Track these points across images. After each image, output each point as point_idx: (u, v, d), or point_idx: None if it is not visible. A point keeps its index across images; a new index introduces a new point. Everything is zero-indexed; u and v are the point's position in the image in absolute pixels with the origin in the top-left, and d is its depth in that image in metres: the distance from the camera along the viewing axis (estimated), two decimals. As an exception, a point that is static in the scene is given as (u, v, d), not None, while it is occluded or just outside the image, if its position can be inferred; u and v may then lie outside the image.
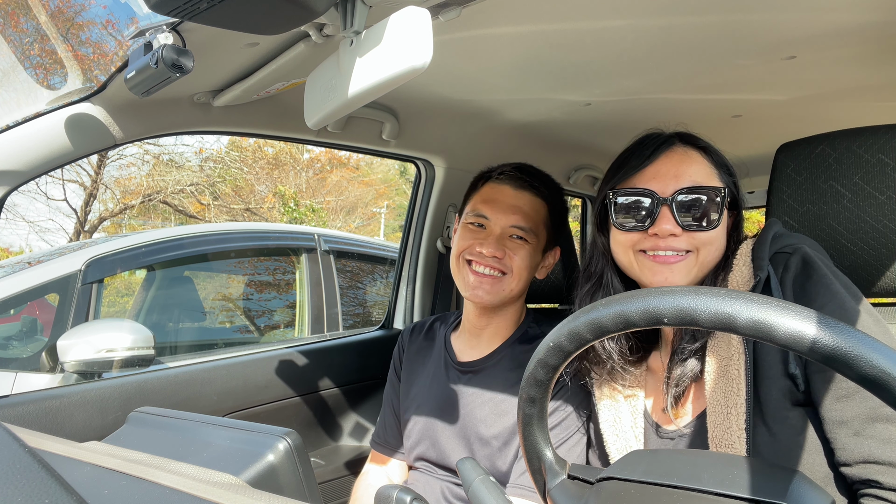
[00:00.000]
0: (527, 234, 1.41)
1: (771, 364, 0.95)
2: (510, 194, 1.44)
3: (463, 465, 0.77)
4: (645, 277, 1.10)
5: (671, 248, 1.06)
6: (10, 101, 1.27)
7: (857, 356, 0.48)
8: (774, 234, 1.05)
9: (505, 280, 1.40)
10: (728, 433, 0.94)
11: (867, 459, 0.86)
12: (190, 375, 1.71)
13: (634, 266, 1.11)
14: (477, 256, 1.40)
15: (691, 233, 1.05)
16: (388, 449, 1.59)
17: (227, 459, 0.79)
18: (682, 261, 1.06)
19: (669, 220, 1.05)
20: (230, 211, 15.27)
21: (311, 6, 0.84)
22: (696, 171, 1.08)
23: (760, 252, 1.01)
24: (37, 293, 2.81)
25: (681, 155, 1.10)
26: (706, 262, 1.08)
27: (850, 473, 0.88)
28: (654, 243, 1.07)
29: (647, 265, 1.08)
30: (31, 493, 0.39)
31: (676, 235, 1.05)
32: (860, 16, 1.18)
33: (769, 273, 0.97)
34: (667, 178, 1.07)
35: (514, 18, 1.19)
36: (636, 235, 1.09)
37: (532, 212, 1.43)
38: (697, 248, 1.06)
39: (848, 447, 0.88)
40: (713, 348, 1.02)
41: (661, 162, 1.10)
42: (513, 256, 1.39)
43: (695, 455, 0.66)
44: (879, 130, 1.16)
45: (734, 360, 0.97)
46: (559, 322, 0.66)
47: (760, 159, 2.12)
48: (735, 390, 0.95)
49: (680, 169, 1.08)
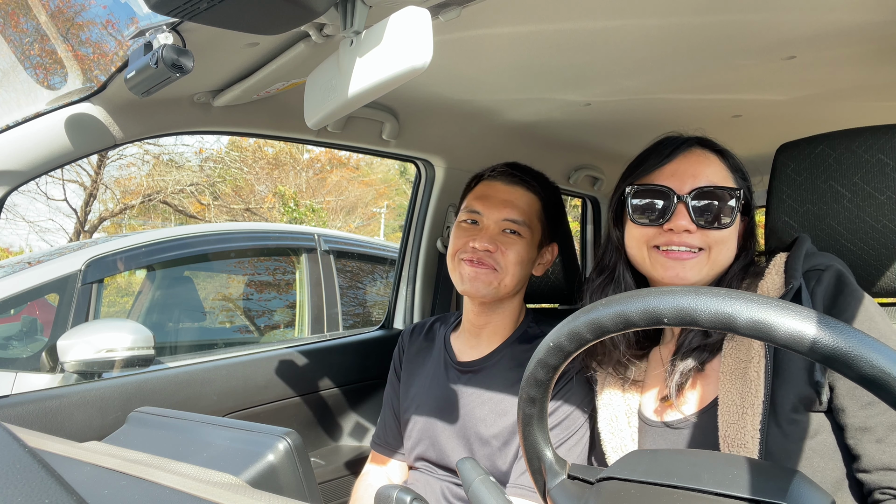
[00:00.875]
0: (520, 228, 1.42)
1: (793, 370, 0.96)
2: (502, 189, 1.45)
3: (463, 465, 0.77)
4: (657, 273, 1.12)
5: (685, 244, 1.09)
6: (10, 101, 1.27)
7: (857, 356, 0.48)
8: (807, 251, 1.07)
9: (498, 274, 1.40)
10: (742, 433, 0.95)
11: (889, 467, 0.87)
12: (190, 375, 1.71)
13: (647, 261, 1.14)
14: (470, 252, 1.41)
15: (705, 230, 1.08)
16: (388, 449, 1.59)
17: (227, 459, 0.79)
18: (695, 258, 1.09)
19: (685, 216, 1.08)
20: (230, 211, 15.27)
21: (311, 6, 0.84)
22: (712, 173, 1.11)
23: (794, 264, 1.03)
24: (37, 293, 2.81)
25: (698, 156, 1.14)
26: (718, 262, 1.10)
27: (868, 480, 0.89)
28: (668, 239, 1.10)
29: (659, 261, 1.11)
30: (31, 493, 0.39)
31: (691, 232, 1.08)
32: (860, 16, 1.18)
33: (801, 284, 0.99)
34: (685, 177, 1.10)
35: (515, 19, 1.19)
36: (651, 230, 1.12)
37: (524, 205, 1.44)
38: (710, 246, 1.09)
39: (869, 454, 0.89)
40: (731, 349, 1.03)
41: (679, 161, 1.13)
42: (505, 251, 1.40)
43: (695, 455, 0.66)
44: (879, 130, 1.16)
45: (754, 363, 0.98)
46: (559, 322, 0.66)
47: (760, 159, 2.12)
48: (753, 391, 0.96)
49: (698, 169, 1.11)
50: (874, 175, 1.14)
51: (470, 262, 1.41)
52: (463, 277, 1.42)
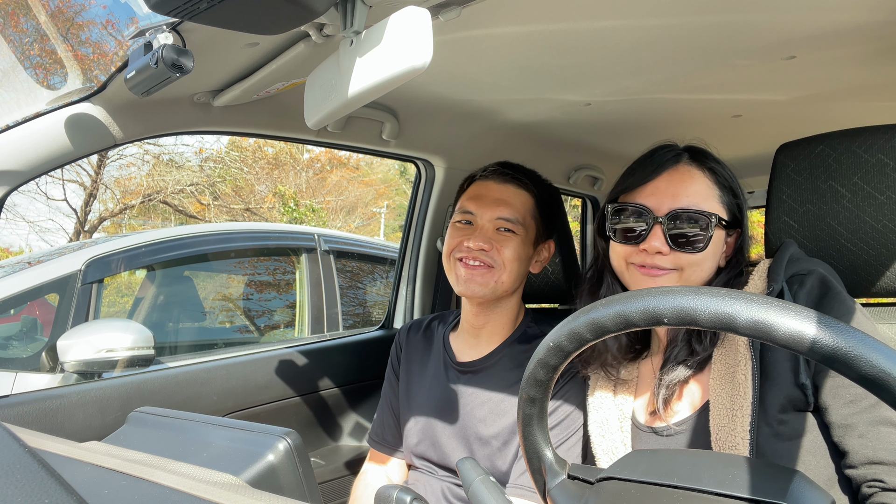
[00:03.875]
0: (514, 226, 1.42)
1: (780, 371, 0.97)
2: (494, 189, 1.45)
3: (463, 465, 0.77)
4: (633, 287, 1.15)
5: (655, 265, 1.11)
6: (10, 101, 1.27)
7: (857, 356, 0.48)
8: (791, 256, 1.07)
9: (495, 272, 1.40)
10: (732, 435, 0.96)
11: (872, 460, 0.88)
12: (190, 375, 1.71)
13: (625, 275, 1.17)
14: (465, 252, 1.41)
15: (678, 252, 1.09)
16: (386, 447, 1.59)
17: (227, 459, 0.79)
18: (665, 275, 1.11)
19: (659, 237, 1.09)
20: (230, 211, 15.27)
21: (311, 6, 0.84)
22: (695, 192, 1.11)
23: (777, 268, 1.04)
24: (37, 293, 2.80)
25: (682, 174, 1.13)
26: (690, 281, 1.12)
27: (855, 475, 0.90)
28: (643, 259, 1.12)
29: (635, 277, 1.14)
30: (31, 493, 0.39)
31: (664, 254, 1.09)
32: (860, 16, 1.18)
33: (783, 287, 1.00)
34: (664, 197, 1.11)
35: (514, 18, 1.19)
36: (629, 248, 1.14)
37: (517, 203, 1.44)
38: (682, 267, 1.10)
39: (853, 449, 0.90)
40: (720, 355, 1.04)
41: (661, 179, 1.13)
42: (500, 249, 1.40)
43: (695, 455, 0.66)
44: (879, 130, 1.16)
45: (741, 365, 0.99)
46: (558, 322, 0.66)
47: (760, 159, 2.12)
48: (741, 393, 0.97)
49: (679, 188, 1.11)
50: (874, 175, 1.14)
51: (465, 262, 1.41)
52: (459, 278, 1.42)
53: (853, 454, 0.90)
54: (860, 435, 0.90)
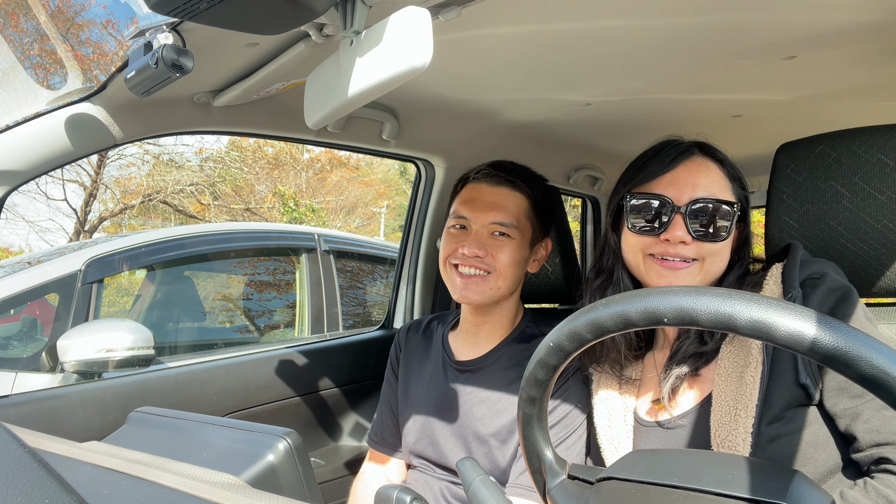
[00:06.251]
0: (509, 230, 1.41)
1: (784, 370, 0.98)
2: (487, 192, 1.44)
3: (463, 465, 0.77)
4: (651, 280, 1.14)
5: (679, 255, 1.10)
6: (10, 101, 1.27)
7: (857, 356, 0.48)
8: (802, 259, 1.08)
9: (491, 278, 1.39)
10: (733, 434, 0.96)
11: (878, 442, 0.90)
12: (190, 375, 1.71)
13: (641, 268, 1.15)
14: (460, 259, 1.40)
15: (700, 242, 1.09)
16: (386, 447, 1.59)
17: (227, 459, 0.79)
18: (688, 268, 1.10)
19: (681, 227, 1.09)
20: (230, 211, 15.26)
21: (311, 6, 0.84)
22: (711, 183, 1.12)
23: (791, 273, 1.04)
24: (37, 293, 2.80)
25: (699, 165, 1.14)
26: (710, 272, 1.11)
27: (861, 458, 0.92)
28: (664, 249, 1.11)
29: (654, 269, 1.12)
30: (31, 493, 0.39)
31: (686, 243, 1.09)
32: (860, 16, 1.18)
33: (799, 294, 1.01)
34: (683, 187, 1.11)
35: (514, 18, 1.19)
36: (648, 239, 1.13)
37: (511, 206, 1.43)
38: (704, 257, 1.10)
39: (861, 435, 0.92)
40: (729, 353, 1.04)
41: (679, 170, 1.13)
42: (496, 255, 1.39)
43: (695, 455, 0.66)
44: (879, 130, 1.16)
45: (751, 367, 0.99)
46: (556, 321, 0.66)
47: (760, 159, 2.12)
48: (748, 394, 0.97)
49: (697, 179, 1.12)
50: (874, 175, 1.14)
51: (460, 272, 1.40)
52: (455, 286, 1.42)
53: (860, 440, 0.92)
54: (866, 420, 0.91)
